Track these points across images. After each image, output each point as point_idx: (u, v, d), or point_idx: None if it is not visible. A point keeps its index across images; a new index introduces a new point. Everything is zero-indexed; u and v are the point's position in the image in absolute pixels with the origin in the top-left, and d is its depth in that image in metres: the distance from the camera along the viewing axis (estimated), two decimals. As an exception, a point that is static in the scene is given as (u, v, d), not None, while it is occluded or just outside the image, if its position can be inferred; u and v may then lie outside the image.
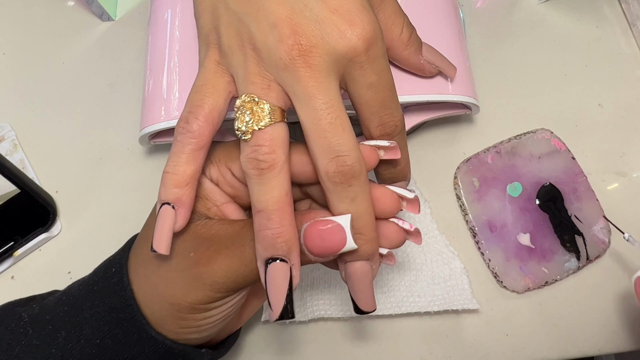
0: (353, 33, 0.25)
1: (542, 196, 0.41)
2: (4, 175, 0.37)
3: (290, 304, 0.26)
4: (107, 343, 0.28)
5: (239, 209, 0.31)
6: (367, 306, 0.29)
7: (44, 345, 0.29)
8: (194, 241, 0.28)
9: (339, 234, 0.26)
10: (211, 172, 0.30)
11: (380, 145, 0.28)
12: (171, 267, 0.28)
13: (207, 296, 0.27)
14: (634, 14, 0.46)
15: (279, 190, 0.26)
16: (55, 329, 0.29)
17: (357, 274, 0.28)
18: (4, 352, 0.29)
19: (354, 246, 0.26)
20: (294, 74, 0.25)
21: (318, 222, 0.26)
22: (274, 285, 0.26)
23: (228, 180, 0.30)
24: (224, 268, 0.27)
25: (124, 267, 0.29)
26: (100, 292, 0.29)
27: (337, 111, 0.25)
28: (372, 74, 0.26)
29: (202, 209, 0.30)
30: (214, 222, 0.29)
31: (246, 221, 0.28)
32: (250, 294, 0.32)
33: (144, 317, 0.28)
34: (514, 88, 0.45)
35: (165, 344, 0.28)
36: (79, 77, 0.47)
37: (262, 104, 0.26)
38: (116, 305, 0.28)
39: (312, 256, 0.27)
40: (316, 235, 0.26)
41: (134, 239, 0.32)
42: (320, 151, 0.26)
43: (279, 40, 0.25)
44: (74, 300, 0.30)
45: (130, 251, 0.30)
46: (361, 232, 0.27)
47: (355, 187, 0.26)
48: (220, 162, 0.29)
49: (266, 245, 0.26)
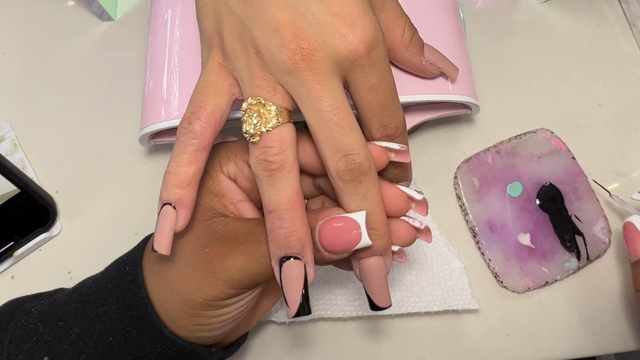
0: (354, 36, 0.25)
1: (543, 196, 0.41)
2: (4, 175, 0.37)
3: (306, 301, 0.27)
4: (120, 340, 0.28)
5: (254, 208, 0.31)
6: (383, 302, 0.29)
7: (55, 341, 0.29)
8: (210, 237, 0.28)
9: (354, 230, 0.26)
10: (229, 168, 0.30)
11: (392, 147, 0.28)
12: (187, 264, 0.28)
13: (222, 292, 0.27)
14: (634, 14, 0.46)
15: (289, 190, 0.26)
16: (67, 325, 0.29)
17: (372, 270, 0.28)
18: (15, 347, 0.29)
19: (369, 242, 0.26)
20: (298, 77, 0.25)
21: (333, 219, 0.27)
22: (290, 283, 0.26)
23: (246, 174, 0.30)
24: (239, 264, 0.27)
25: (138, 266, 0.30)
26: (114, 290, 0.29)
27: (343, 112, 0.26)
28: (374, 77, 0.27)
29: (219, 207, 0.30)
30: (230, 220, 0.29)
31: (262, 219, 0.29)
32: (261, 295, 0.33)
33: (157, 316, 0.28)
34: (514, 88, 0.45)
35: (177, 343, 0.29)
36: (79, 77, 0.47)
37: (269, 106, 0.26)
38: (130, 303, 0.29)
39: (327, 253, 0.27)
40: (331, 232, 0.27)
41: (147, 238, 0.32)
42: (329, 151, 0.26)
43: (281, 45, 0.25)
44: (86, 297, 0.30)
45: (145, 250, 0.31)
46: (374, 227, 0.27)
47: (365, 184, 0.26)
48: (237, 156, 0.30)
49: (280, 244, 0.26)
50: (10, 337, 0.29)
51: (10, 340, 0.29)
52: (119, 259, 0.32)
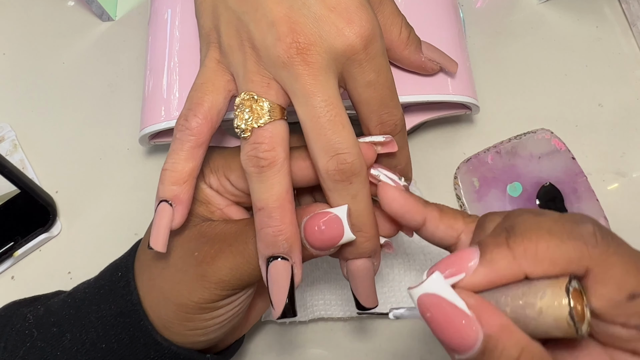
0: (351, 31, 0.25)
1: (542, 196, 0.41)
2: (4, 175, 0.37)
3: (292, 302, 0.26)
4: (113, 347, 0.28)
5: (242, 210, 0.31)
6: (369, 302, 0.29)
7: (48, 347, 0.29)
8: (198, 241, 0.28)
9: (336, 225, 0.26)
10: (211, 181, 0.30)
11: (376, 141, 0.28)
12: (176, 269, 0.28)
13: (214, 294, 0.27)
14: (634, 14, 0.46)
15: (279, 188, 0.26)
16: (60, 332, 0.29)
17: (359, 270, 0.28)
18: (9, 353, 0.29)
19: (352, 237, 0.26)
20: (292, 72, 0.25)
21: (317, 215, 0.26)
22: (276, 283, 0.26)
23: (227, 189, 0.30)
24: (228, 265, 0.27)
25: (130, 271, 0.29)
26: (107, 296, 0.29)
27: (336, 109, 0.25)
28: (371, 72, 0.26)
29: (206, 213, 0.30)
30: (218, 222, 0.29)
31: (249, 220, 0.28)
32: (256, 295, 0.32)
33: (150, 322, 0.28)
34: (514, 88, 0.45)
35: (170, 349, 0.28)
36: (79, 77, 0.47)
37: (261, 102, 0.26)
38: (123, 310, 0.28)
39: (314, 250, 0.27)
40: (316, 227, 0.26)
41: (139, 242, 0.32)
42: (319, 149, 0.26)
43: (276, 39, 0.25)
44: (79, 302, 0.30)
45: (136, 255, 0.30)
46: (362, 229, 0.27)
47: (355, 185, 0.26)
48: (219, 171, 0.29)
49: (267, 243, 0.26)
50: (5, 343, 0.29)
51: (5, 347, 0.29)
52: (112, 264, 0.31)
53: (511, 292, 0.20)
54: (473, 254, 0.21)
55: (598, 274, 0.19)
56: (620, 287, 0.19)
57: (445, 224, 0.26)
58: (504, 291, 0.21)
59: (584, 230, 0.20)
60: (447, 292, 0.20)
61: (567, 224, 0.20)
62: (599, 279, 0.19)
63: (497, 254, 0.20)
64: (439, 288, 0.20)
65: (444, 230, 0.26)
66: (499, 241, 0.21)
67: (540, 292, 0.19)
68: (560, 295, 0.19)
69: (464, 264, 0.21)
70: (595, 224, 0.20)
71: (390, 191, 0.26)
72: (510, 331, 0.19)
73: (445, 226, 0.26)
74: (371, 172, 0.27)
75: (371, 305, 0.29)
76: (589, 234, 0.20)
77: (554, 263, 0.20)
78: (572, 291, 0.19)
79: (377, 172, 0.27)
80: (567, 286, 0.19)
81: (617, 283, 0.19)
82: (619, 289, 0.19)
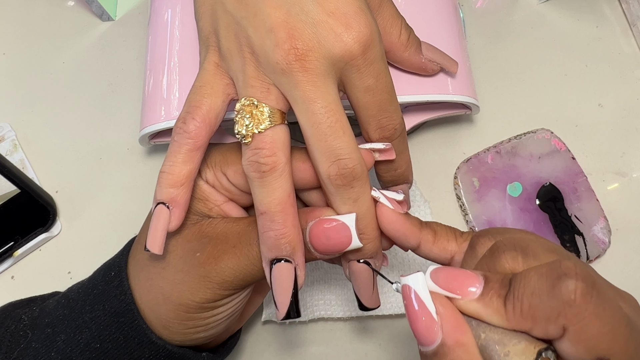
0: (349, 36, 0.25)
1: (542, 196, 0.41)
2: (4, 175, 0.37)
3: (296, 303, 0.26)
4: (108, 347, 0.28)
5: (238, 206, 0.31)
6: (371, 303, 0.29)
7: (43, 348, 0.29)
8: (199, 241, 0.28)
9: (344, 233, 0.26)
10: (207, 176, 0.30)
11: (375, 147, 0.28)
12: (177, 269, 0.28)
13: (216, 294, 0.27)
14: (634, 14, 0.46)
15: (281, 192, 0.26)
16: (54, 332, 0.29)
17: (362, 271, 0.28)
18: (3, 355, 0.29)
19: (359, 244, 0.26)
20: (292, 78, 0.25)
21: (323, 221, 0.27)
22: (280, 285, 0.26)
23: (224, 185, 0.30)
24: (231, 266, 0.27)
25: (123, 271, 0.29)
26: (100, 296, 0.29)
27: (336, 114, 0.25)
28: (370, 77, 0.26)
29: (204, 209, 0.30)
30: (218, 221, 0.29)
31: (251, 219, 0.28)
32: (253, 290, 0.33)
33: (144, 322, 0.28)
34: (514, 88, 0.45)
35: (165, 348, 0.28)
36: (79, 77, 0.47)
37: (261, 107, 0.26)
38: (117, 310, 0.28)
39: (318, 254, 0.27)
40: (321, 233, 0.26)
41: (132, 241, 0.31)
42: (321, 155, 0.26)
43: (275, 45, 0.25)
44: (73, 303, 0.30)
45: (129, 255, 0.30)
46: (364, 231, 0.27)
47: (357, 189, 0.26)
48: (216, 166, 0.29)
49: (270, 246, 0.26)
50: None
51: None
52: (105, 264, 0.31)
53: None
54: (475, 282, 0.22)
55: (572, 333, 0.19)
56: (590, 350, 0.19)
57: (438, 247, 0.27)
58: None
59: (564, 287, 0.20)
60: (422, 292, 0.22)
61: (550, 276, 0.20)
62: (572, 338, 0.20)
63: (494, 303, 0.21)
64: (418, 286, 0.22)
65: (437, 253, 0.28)
66: (500, 293, 0.21)
67: (516, 339, 0.21)
68: (530, 355, 0.20)
69: (464, 286, 0.22)
70: (579, 278, 0.20)
71: (389, 214, 0.27)
72: (466, 350, 0.21)
73: (439, 249, 0.27)
74: (372, 194, 0.28)
75: (373, 306, 0.29)
76: (569, 292, 0.19)
77: (535, 321, 0.20)
78: (542, 358, 0.20)
79: (377, 194, 0.27)
80: (540, 351, 0.20)
81: (587, 346, 0.19)
82: (589, 351, 0.19)
